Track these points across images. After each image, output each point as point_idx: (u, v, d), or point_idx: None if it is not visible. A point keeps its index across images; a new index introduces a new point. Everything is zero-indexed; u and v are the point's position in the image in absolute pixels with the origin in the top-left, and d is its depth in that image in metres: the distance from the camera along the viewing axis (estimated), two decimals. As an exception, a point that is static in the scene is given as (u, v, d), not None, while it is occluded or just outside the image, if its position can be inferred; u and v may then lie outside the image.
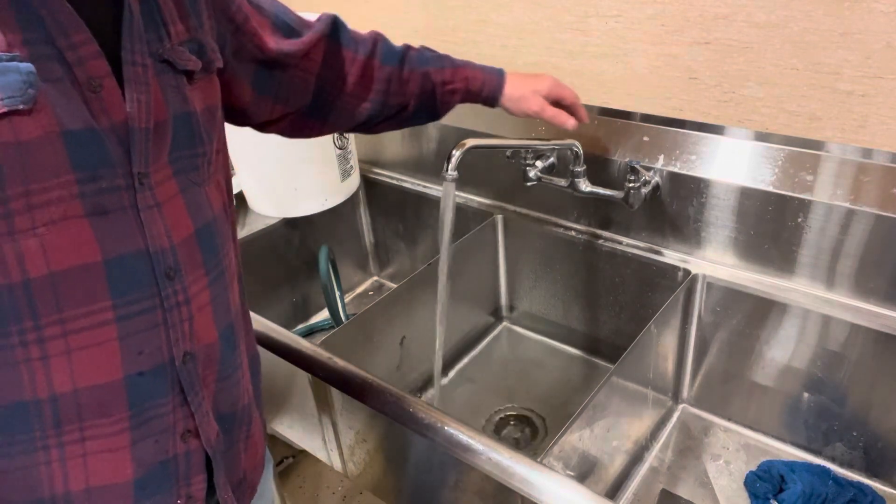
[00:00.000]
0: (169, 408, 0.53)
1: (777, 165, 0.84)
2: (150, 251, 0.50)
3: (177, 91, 0.52)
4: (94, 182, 0.46)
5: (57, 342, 0.47)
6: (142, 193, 0.49)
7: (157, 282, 0.50)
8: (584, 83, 0.98)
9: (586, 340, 1.14)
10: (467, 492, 0.73)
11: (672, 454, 0.96)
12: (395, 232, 1.32)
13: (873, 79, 0.74)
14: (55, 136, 0.44)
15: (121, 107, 0.47)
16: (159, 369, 0.52)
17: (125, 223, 0.48)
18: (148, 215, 0.49)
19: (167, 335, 0.52)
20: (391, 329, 1.02)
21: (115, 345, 0.49)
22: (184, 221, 0.53)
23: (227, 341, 0.59)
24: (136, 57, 0.49)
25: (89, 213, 0.46)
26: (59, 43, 0.44)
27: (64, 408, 0.48)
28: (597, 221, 1.03)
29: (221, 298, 0.58)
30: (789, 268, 0.87)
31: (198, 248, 0.54)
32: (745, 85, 0.83)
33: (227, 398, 0.60)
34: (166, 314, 0.51)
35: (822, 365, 0.87)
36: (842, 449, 0.90)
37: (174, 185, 0.52)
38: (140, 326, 0.50)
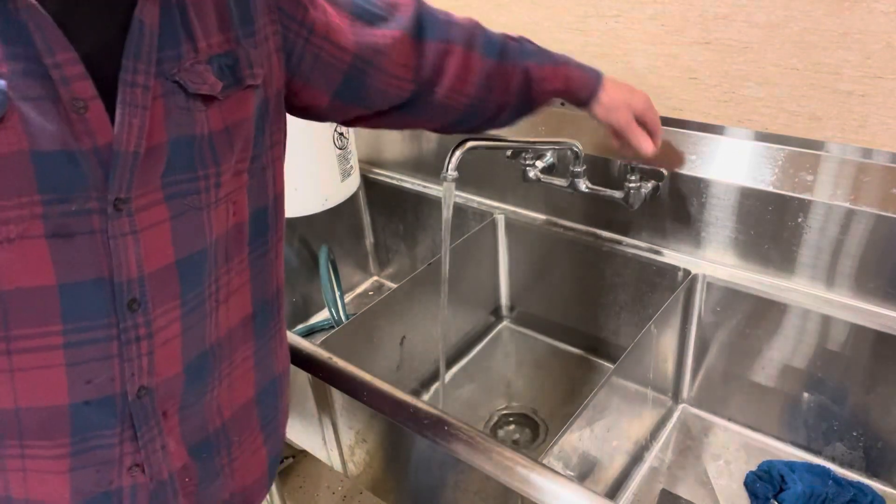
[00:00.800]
0: (115, 440, 0.51)
1: (777, 165, 0.84)
2: (114, 280, 0.47)
3: (186, 113, 0.49)
4: (62, 204, 0.44)
5: (1, 359, 0.46)
6: (116, 220, 0.46)
7: (116, 312, 0.48)
8: (584, 83, 0.98)
9: (586, 340, 1.14)
10: (467, 492, 0.73)
11: (672, 454, 0.96)
12: (395, 232, 1.32)
13: (873, 79, 0.74)
14: (23, 154, 0.42)
15: (107, 129, 0.45)
16: (107, 400, 0.50)
17: (89, 249, 0.46)
18: (118, 243, 0.47)
19: (121, 368, 0.49)
20: (391, 329, 1.02)
21: (62, 370, 0.47)
22: (163, 250, 0.50)
23: (195, 372, 0.55)
24: (138, 78, 0.46)
25: (49, 235, 0.44)
26: (46, 60, 0.42)
27: (4, 422, 0.47)
28: (597, 221, 1.03)
29: (197, 329, 0.54)
30: (789, 268, 0.87)
31: (176, 279, 0.51)
32: (745, 85, 0.83)
33: (192, 426, 0.57)
34: (122, 347, 0.49)
35: (821, 365, 0.87)
36: (842, 449, 0.90)
37: (163, 210, 0.49)
38: (91, 356, 0.48)
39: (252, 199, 0.57)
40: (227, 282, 0.57)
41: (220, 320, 0.57)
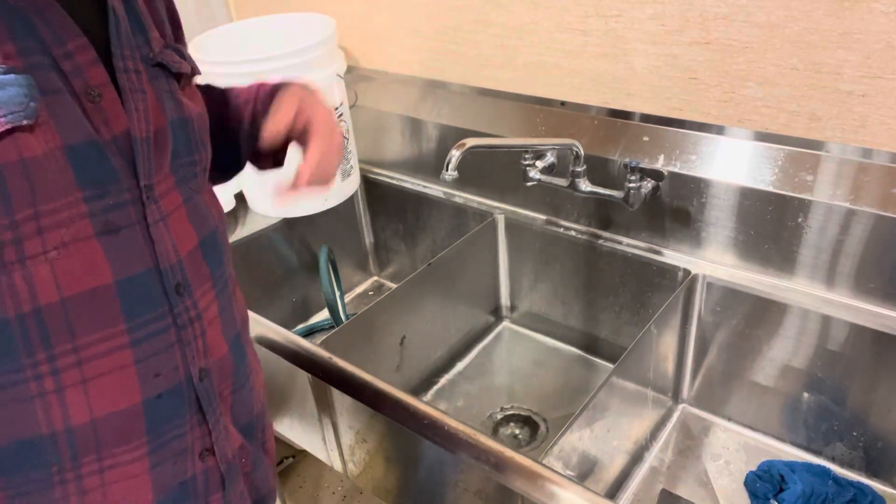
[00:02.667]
0: (187, 428, 0.52)
1: (777, 165, 0.84)
2: (160, 268, 0.48)
3: (171, 96, 0.50)
4: (102, 199, 0.44)
5: (72, 372, 0.44)
6: (150, 207, 0.47)
7: (169, 299, 0.48)
8: (584, 83, 0.98)
9: (586, 340, 1.14)
10: (467, 492, 0.73)
11: (672, 454, 0.96)
12: (395, 232, 1.32)
13: (873, 79, 0.74)
14: (59, 151, 0.41)
15: (121, 117, 0.45)
16: (177, 389, 0.50)
17: (135, 240, 0.46)
18: (156, 230, 0.47)
19: (182, 354, 0.50)
20: (391, 329, 1.02)
21: (132, 370, 0.47)
22: (188, 233, 0.51)
23: (236, 352, 0.57)
24: (129, 63, 0.46)
25: (100, 233, 0.44)
26: (55, 52, 0.41)
27: (81, 440, 0.46)
28: (597, 221, 1.03)
29: (227, 310, 0.56)
30: (789, 268, 0.87)
31: (203, 260, 0.53)
32: (745, 85, 0.83)
33: (243, 409, 0.59)
34: (180, 332, 0.50)
35: (821, 365, 0.87)
36: (842, 449, 0.90)
37: (177, 196, 0.50)
38: (155, 347, 0.48)
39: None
40: (231, 272, 0.58)
41: (238, 306, 0.59)
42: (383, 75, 1.23)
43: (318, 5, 1.24)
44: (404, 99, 1.20)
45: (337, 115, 1.11)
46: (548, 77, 1.01)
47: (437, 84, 1.16)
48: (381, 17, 1.17)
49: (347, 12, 1.21)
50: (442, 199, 1.19)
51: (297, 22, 1.17)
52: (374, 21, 1.18)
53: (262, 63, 0.99)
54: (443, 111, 1.15)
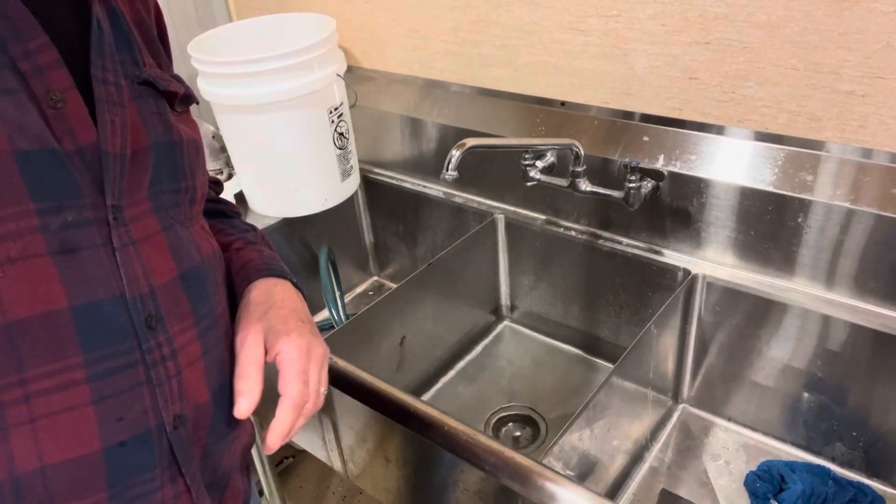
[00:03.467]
0: (157, 483, 0.46)
1: (777, 165, 0.84)
2: (127, 296, 0.43)
3: (158, 117, 0.47)
4: (58, 214, 0.40)
5: (18, 409, 0.39)
6: (117, 230, 0.43)
7: (137, 332, 0.43)
8: (584, 83, 0.98)
9: (586, 340, 1.13)
10: (468, 492, 0.73)
11: (672, 454, 0.96)
12: (395, 232, 1.32)
13: (873, 79, 0.74)
14: (6, 156, 0.38)
15: (89, 128, 0.41)
16: (144, 437, 0.44)
17: (97, 264, 0.42)
18: (124, 255, 0.43)
19: (152, 396, 0.44)
20: (391, 329, 1.01)
21: (90, 410, 0.41)
22: (166, 263, 0.47)
23: (220, 403, 0.51)
24: (109, 75, 0.43)
25: (54, 252, 0.40)
26: (12, 50, 0.38)
27: (29, 492, 0.40)
28: (597, 221, 1.03)
29: (214, 352, 0.50)
30: (789, 268, 0.87)
31: (183, 294, 0.47)
32: (746, 85, 0.83)
33: (209, 465, 0.52)
34: (149, 371, 0.44)
35: (821, 365, 0.87)
36: (842, 449, 0.90)
37: (153, 223, 0.46)
38: (118, 386, 0.43)
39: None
40: (224, 312, 0.53)
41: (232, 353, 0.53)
42: (383, 75, 1.23)
43: (318, 5, 1.24)
44: (404, 99, 1.20)
45: (337, 116, 1.11)
46: (548, 77, 1.01)
47: (436, 84, 1.16)
48: (381, 17, 1.17)
49: (347, 12, 1.21)
50: (442, 199, 1.19)
51: (297, 22, 1.17)
52: (375, 21, 1.18)
53: (262, 63, 1.00)
54: (443, 111, 1.15)
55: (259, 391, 0.51)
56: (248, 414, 0.51)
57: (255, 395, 0.51)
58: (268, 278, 0.58)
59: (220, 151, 1.22)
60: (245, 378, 0.51)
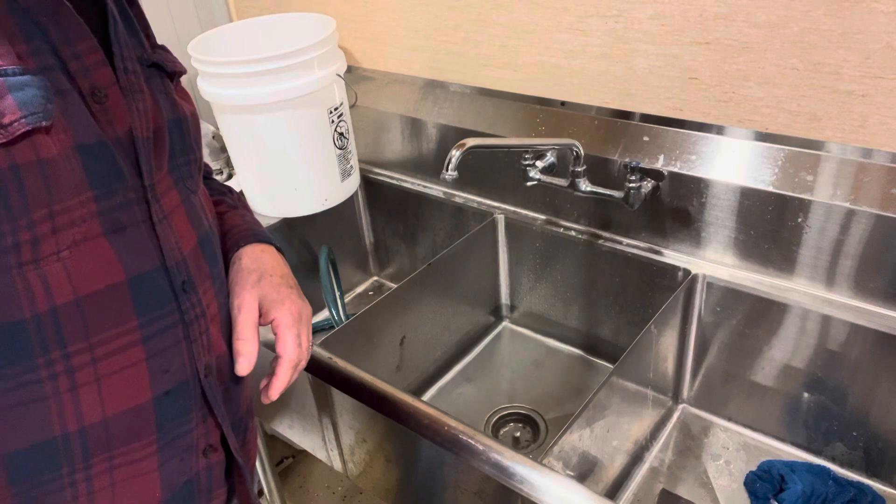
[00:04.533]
0: (193, 424, 0.52)
1: (777, 165, 0.84)
2: (167, 265, 0.48)
3: (166, 96, 0.51)
4: (110, 198, 0.45)
5: (86, 370, 0.44)
6: (154, 206, 0.48)
7: (177, 296, 0.49)
8: (584, 83, 0.98)
9: (586, 340, 1.13)
10: (467, 492, 0.73)
11: (672, 454, 0.96)
12: (395, 232, 1.32)
13: (873, 79, 0.74)
14: (72, 151, 0.42)
15: (124, 117, 0.46)
16: (183, 386, 0.51)
17: (141, 238, 0.47)
18: (161, 229, 0.48)
19: (189, 350, 0.51)
20: (391, 329, 1.01)
21: (143, 366, 0.47)
22: (188, 232, 0.52)
23: (231, 351, 0.58)
24: (128, 64, 0.47)
25: (108, 232, 0.45)
26: (63, 53, 0.42)
27: (93, 439, 0.46)
28: (597, 221, 1.03)
29: (225, 308, 0.57)
30: (789, 268, 0.87)
31: (203, 258, 0.53)
32: (745, 85, 0.83)
33: (231, 408, 0.58)
34: (187, 328, 0.50)
35: (821, 365, 0.87)
36: (842, 449, 0.90)
37: (176, 196, 0.51)
38: (165, 344, 0.49)
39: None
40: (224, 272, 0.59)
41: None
42: (383, 75, 1.23)
43: (318, 5, 1.24)
44: (404, 99, 1.20)
45: (337, 116, 1.11)
46: (548, 77, 1.01)
47: (436, 84, 1.16)
48: (381, 16, 1.17)
49: (347, 12, 1.21)
50: (442, 198, 1.19)
51: (297, 22, 1.17)
52: (374, 21, 1.18)
53: (262, 63, 1.00)
54: (443, 111, 1.15)
55: (256, 351, 0.58)
56: (248, 372, 0.58)
57: (253, 356, 0.58)
58: (255, 244, 0.64)
59: (220, 151, 1.22)
60: (244, 340, 0.58)
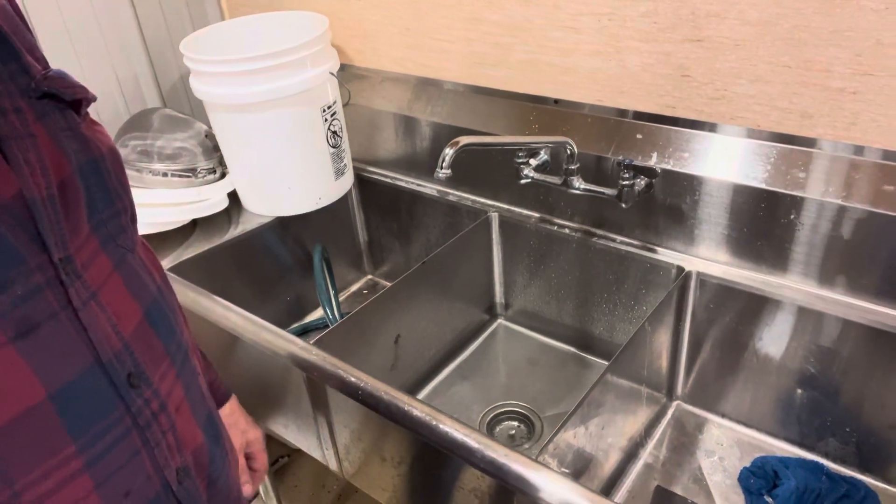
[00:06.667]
0: None
1: (769, 162, 0.84)
2: (103, 361, 0.38)
3: (72, 134, 0.40)
4: (6, 291, 0.34)
5: None
6: (74, 286, 0.37)
7: (122, 396, 0.39)
8: (578, 80, 0.98)
9: (581, 337, 1.14)
10: (463, 490, 0.73)
11: (666, 451, 0.96)
12: (389, 230, 1.32)
13: (864, 76, 0.75)
14: None
15: (7, 177, 0.34)
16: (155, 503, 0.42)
17: (62, 335, 0.36)
18: (87, 314, 0.38)
19: (152, 458, 0.41)
20: (385, 328, 1.01)
21: (94, 498, 0.38)
22: (129, 306, 0.42)
23: (211, 434, 0.49)
24: (4, 101, 0.36)
25: (14, 338, 0.34)
26: None
27: None
28: (591, 219, 1.03)
29: (194, 385, 0.48)
30: (782, 264, 0.87)
31: (152, 333, 0.43)
32: (738, 82, 0.83)
33: (218, 499, 0.50)
34: (144, 433, 0.41)
35: (814, 361, 0.87)
36: (835, 444, 0.90)
37: (106, 261, 0.41)
38: (118, 462, 0.39)
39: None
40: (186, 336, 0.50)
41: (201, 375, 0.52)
42: (376, 73, 1.23)
43: (311, 3, 1.23)
44: (398, 97, 1.20)
45: (331, 114, 1.11)
46: (541, 75, 1.01)
47: (430, 82, 1.16)
48: (373, 15, 1.16)
49: (340, 10, 1.20)
50: (436, 197, 1.19)
51: (290, 20, 1.17)
52: (367, 19, 1.18)
53: (255, 62, 0.99)
54: (436, 109, 1.15)
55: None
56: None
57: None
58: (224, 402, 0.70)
59: (213, 150, 1.22)
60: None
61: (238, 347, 0.91)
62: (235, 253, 1.13)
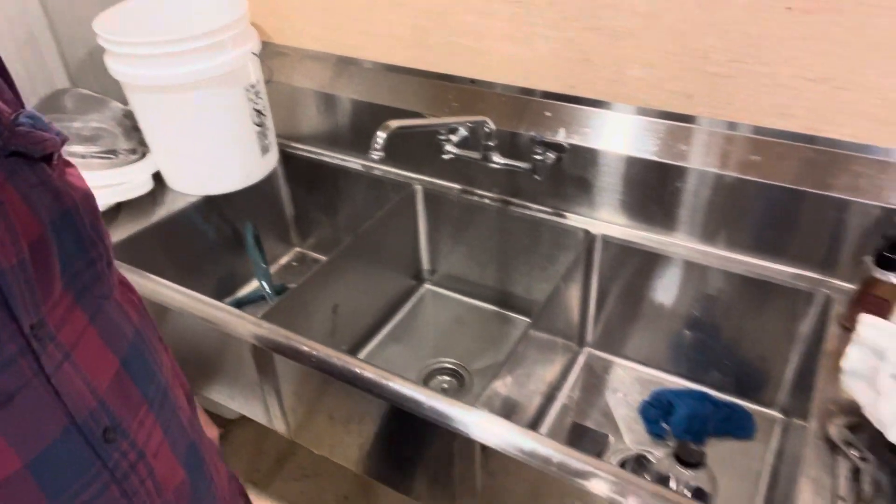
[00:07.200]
0: None
1: (659, 137, 0.96)
2: (78, 422, 0.38)
3: (45, 188, 0.38)
4: None
5: None
6: (48, 350, 0.36)
7: (98, 453, 0.39)
8: (492, 62, 1.06)
9: (502, 297, 1.25)
10: (407, 439, 0.82)
11: (579, 392, 1.09)
12: (316, 204, 1.37)
13: (735, 62, 0.87)
14: None
15: None
16: None
17: (36, 403, 0.36)
18: (60, 378, 0.37)
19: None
20: (324, 298, 1.08)
21: None
22: (105, 358, 0.41)
23: (193, 465, 0.48)
24: None
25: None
26: None
27: None
28: (508, 190, 1.12)
29: (174, 422, 0.47)
30: (671, 225, 1.00)
31: (130, 382, 0.43)
32: (631, 67, 0.94)
33: None
34: (122, 485, 0.40)
35: (699, 307, 1.02)
36: (717, 376, 1.06)
37: (81, 316, 0.40)
38: None
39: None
40: (167, 370, 0.50)
41: (182, 404, 0.51)
42: (296, 51, 1.25)
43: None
44: (319, 75, 1.23)
45: (254, 93, 1.13)
46: (457, 56, 1.08)
47: (350, 61, 1.20)
48: (292, -5, 1.18)
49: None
50: (361, 171, 1.25)
51: None
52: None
53: (176, 44, 1.00)
54: (357, 87, 1.20)
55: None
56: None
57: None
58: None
59: (132, 130, 1.20)
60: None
61: (177, 323, 0.95)
62: (163, 234, 1.14)
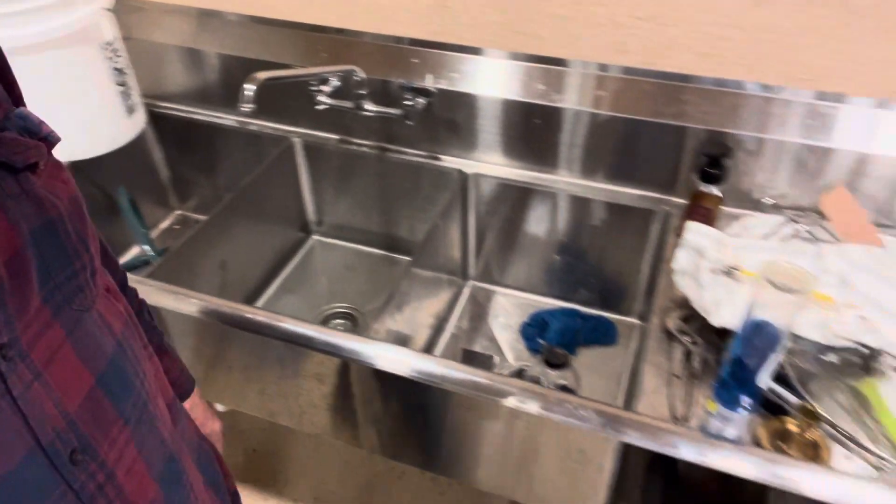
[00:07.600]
0: None
1: (519, 79, 1.03)
2: (43, 444, 0.36)
3: (26, 197, 0.37)
4: None
5: None
6: (15, 373, 0.35)
7: (64, 476, 0.37)
8: (356, 11, 1.07)
9: (387, 240, 1.30)
10: (307, 376, 0.87)
11: (466, 321, 1.18)
12: (192, 164, 1.34)
13: (576, 4, 0.94)
14: None
15: None
16: None
17: (3, 424, 0.35)
18: (28, 400, 0.36)
19: None
20: (210, 256, 1.08)
21: None
22: (79, 375, 0.40)
23: (170, 479, 0.47)
24: None
25: None
26: None
27: None
28: (384, 137, 1.17)
29: (152, 437, 0.45)
30: (541, 160, 1.09)
31: (105, 399, 0.41)
32: (485, 12, 1.00)
33: None
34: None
35: (567, 233, 1.13)
36: (585, 294, 1.19)
37: (58, 331, 0.39)
38: None
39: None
40: (151, 379, 0.49)
41: (164, 416, 0.50)
42: (154, 5, 1.20)
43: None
44: (180, 30, 1.20)
45: (112, 51, 1.09)
46: (321, 5, 1.09)
47: (212, 14, 1.17)
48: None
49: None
50: (236, 128, 1.24)
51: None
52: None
53: (21, 2, 0.94)
54: (223, 41, 1.18)
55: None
56: None
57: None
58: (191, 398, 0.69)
59: (-23, 98, 1.13)
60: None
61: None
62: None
